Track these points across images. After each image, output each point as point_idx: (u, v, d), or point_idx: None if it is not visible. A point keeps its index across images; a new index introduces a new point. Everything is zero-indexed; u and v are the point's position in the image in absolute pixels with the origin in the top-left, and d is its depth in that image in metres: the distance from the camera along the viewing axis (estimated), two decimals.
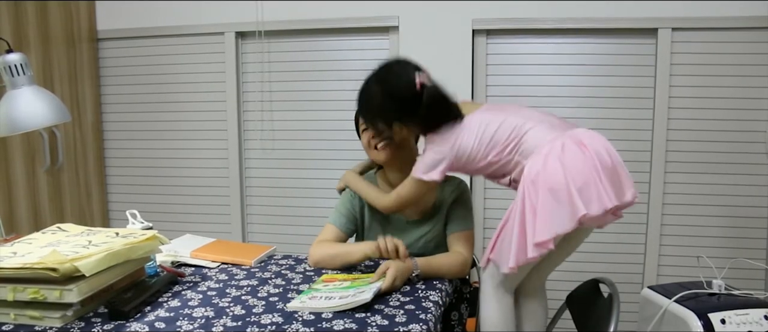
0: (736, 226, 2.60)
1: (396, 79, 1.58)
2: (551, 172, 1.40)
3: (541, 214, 1.40)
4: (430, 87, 1.54)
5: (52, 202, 2.72)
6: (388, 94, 1.57)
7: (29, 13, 2.56)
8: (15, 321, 1.26)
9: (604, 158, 1.43)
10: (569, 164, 1.40)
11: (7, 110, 1.48)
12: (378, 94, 1.59)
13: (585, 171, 1.40)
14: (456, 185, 1.77)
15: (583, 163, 1.41)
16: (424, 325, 1.27)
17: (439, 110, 1.55)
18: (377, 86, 1.59)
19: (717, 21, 2.48)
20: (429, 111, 1.53)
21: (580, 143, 1.45)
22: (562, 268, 2.64)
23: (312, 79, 2.88)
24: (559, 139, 1.46)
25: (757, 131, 2.54)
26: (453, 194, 1.75)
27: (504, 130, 1.52)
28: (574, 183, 1.38)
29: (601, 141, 1.48)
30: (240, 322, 1.28)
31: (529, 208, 1.42)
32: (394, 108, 1.57)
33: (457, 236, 1.72)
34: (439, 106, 1.55)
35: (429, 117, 1.55)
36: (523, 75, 2.68)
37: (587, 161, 1.41)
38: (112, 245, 1.38)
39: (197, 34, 2.94)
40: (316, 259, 1.69)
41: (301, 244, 2.93)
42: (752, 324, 1.81)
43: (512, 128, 1.52)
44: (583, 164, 1.41)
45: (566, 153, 1.42)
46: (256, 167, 3.01)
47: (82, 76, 2.91)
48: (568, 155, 1.41)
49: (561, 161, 1.40)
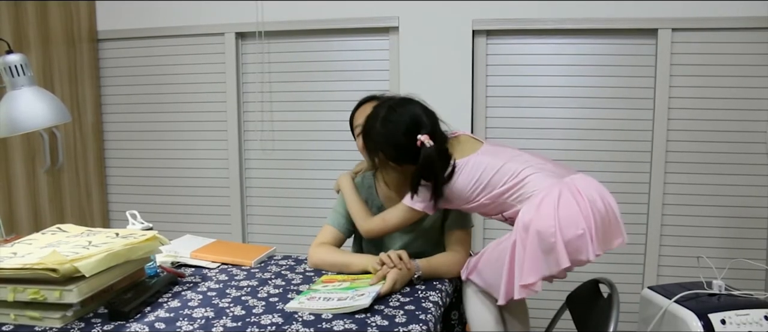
0: (736, 226, 2.60)
1: (401, 127, 1.55)
2: (544, 220, 1.41)
3: (529, 258, 1.42)
4: (428, 149, 1.51)
5: (52, 202, 2.72)
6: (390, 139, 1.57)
7: (29, 14, 2.56)
8: (15, 321, 1.26)
9: (597, 206, 1.45)
10: (562, 214, 1.41)
11: (8, 111, 1.48)
12: (381, 134, 1.58)
13: (577, 221, 1.41)
14: None
15: (576, 213, 1.42)
16: (423, 325, 1.27)
17: (432, 170, 1.53)
18: (382, 126, 1.58)
19: (717, 21, 2.48)
20: (424, 169, 1.52)
21: (576, 190, 1.46)
22: None
23: (312, 80, 2.88)
24: (556, 186, 1.46)
25: (757, 132, 2.54)
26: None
27: (501, 175, 1.52)
28: (563, 233, 1.40)
29: (597, 188, 1.49)
30: (240, 323, 1.28)
31: (519, 250, 1.44)
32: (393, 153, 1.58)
33: (455, 235, 1.72)
34: (433, 167, 1.53)
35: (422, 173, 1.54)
36: (523, 75, 2.68)
37: (581, 210, 1.42)
38: (112, 245, 1.38)
39: (197, 34, 2.94)
40: (315, 262, 1.70)
41: (301, 245, 2.93)
42: (752, 325, 1.81)
43: (510, 174, 1.52)
44: (576, 214, 1.42)
45: (562, 201, 1.43)
46: (256, 168, 3.01)
47: (82, 76, 2.92)
48: (562, 204, 1.42)
49: (555, 210, 1.41)
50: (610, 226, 1.48)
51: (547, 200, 1.43)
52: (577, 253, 1.41)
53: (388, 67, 2.78)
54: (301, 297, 1.42)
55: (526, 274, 1.42)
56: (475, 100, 2.71)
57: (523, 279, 1.42)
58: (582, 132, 2.66)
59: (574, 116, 2.66)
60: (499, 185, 1.52)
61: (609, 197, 1.49)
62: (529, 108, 2.69)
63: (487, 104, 2.72)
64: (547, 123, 2.67)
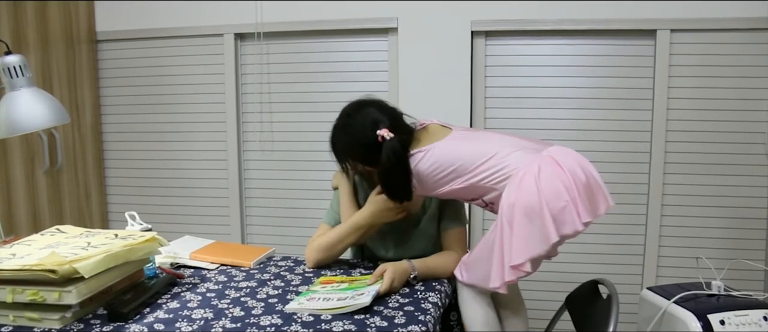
0: (735, 227, 2.60)
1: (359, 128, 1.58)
2: (526, 195, 1.41)
3: (517, 237, 1.41)
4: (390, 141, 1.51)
5: (51, 204, 2.71)
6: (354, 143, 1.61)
7: (28, 15, 2.56)
8: (14, 322, 1.26)
9: (578, 176, 1.44)
10: (544, 187, 1.41)
11: (7, 112, 1.48)
12: (344, 142, 1.63)
13: (560, 192, 1.41)
14: None
15: (558, 183, 1.42)
16: (423, 326, 1.27)
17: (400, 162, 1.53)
18: (343, 134, 1.63)
19: (716, 22, 2.48)
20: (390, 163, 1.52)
21: (555, 162, 1.46)
22: (561, 269, 2.66)
23: (311, 81, 2.88)
24: (535, 161, 1.46)
25: (756, 133, 2.54)
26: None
27: (472, 159, 1.51)
28: (548, 207, 1.39)
29: (575, 158, 1.48)
30: (239, 324, 1.28)
31: (506, 232, 1.43)
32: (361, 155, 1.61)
33: (449, 235, 1.72)
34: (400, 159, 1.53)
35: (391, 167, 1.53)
36: (522, 76, 2.68)
37: (562, 182, 1.42)
38: (112, 246, 1.38)
39: (196, 35, 2.94)
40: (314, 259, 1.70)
41: (301, 246, 2.91)
42: (751, 325, 1.81)
43: (484, 158, 1.51)
44: (558, 185, 1.41)
45: (542, 175, 1.42)
46: (255, 169, 3.01)
47: (81, 77, 2.91)
48: (543, 177, 1.42)
49: (536, 184, 1.41)
50: (594, 193, 1.47)
51: (528, 177, 1.43)
52: (563, 225, 1.40)
53: (387, 68, 2.78)
54: (300, 298, 1.42)
55: (514, 255, 1.41)
56: (474, 101, 2.71)
57: (513, 259, 1.41)
58: (581, 133, 2.66)
59: (573, 117, 2.66)
60: (472, 169, 1.51)
61: (588, 165, 1.48)
62: (528, 109, 2.69)
63: (486, 104, 2.72)
64: (546, 124, 2.67)
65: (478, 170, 1.50)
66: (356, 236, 1.66)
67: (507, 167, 1.48)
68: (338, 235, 1.67)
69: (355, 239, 1.67)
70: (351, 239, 1.66)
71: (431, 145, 1.55)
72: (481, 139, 1.60)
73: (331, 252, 1.69)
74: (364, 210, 1.65)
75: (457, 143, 1.56)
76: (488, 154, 1.51)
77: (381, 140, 1.52)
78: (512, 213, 1.42)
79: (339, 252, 1.70)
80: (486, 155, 1.51)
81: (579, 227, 1.41)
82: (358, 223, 1.64)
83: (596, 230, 2.67)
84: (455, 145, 1.55)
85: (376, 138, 1.52)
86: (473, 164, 1.51)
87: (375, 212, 1.63)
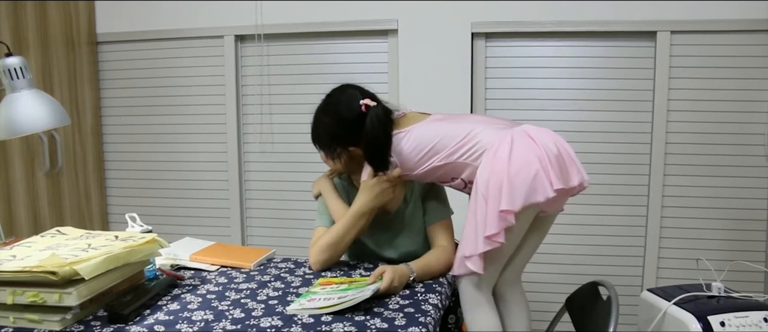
0: (735, 229, 2.60)
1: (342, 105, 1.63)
2: (499, 166, 1.46)
3: (491, 208, 1.45)
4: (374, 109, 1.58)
5: (52, 205, 2.72)
6: (337, 122, 1.63)
7: (28, 16, 2.56)
8: (14, 324, 1.26)
9: (550, 148, 1.49)
10: (516, 157, 1.46)
11: (7, 114, 1.48)
12: (327, 123, 1.66)
13: (531, 161, 1.46)
14: None
15: (530, 153, 1.47)
16: (423, 328, 1.27)
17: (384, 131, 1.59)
18: (324, 115, 1.66)
19: (716, 24, 2.49)
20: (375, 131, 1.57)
21: (527, 135, 1.51)
22: (561, 271, 2.66)
23: (311, 83, 2.88)
24: (507, 135, 1.51)
25: (756, 134, 2.54)
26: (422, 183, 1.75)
27: (448, 139, 1.57)
28: (520, 176, 1.44)
29: (548, 133, 1.54)
30: (239, 325, 1.28)
31: (481, 205, 1.48)
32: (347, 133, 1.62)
33: (436, 228, 1.73)
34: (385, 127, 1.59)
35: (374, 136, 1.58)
36: (522, 78, 2.69)
37: (534, 151, 1.47)
38: (112, 248, 1.38)
39: (197, 37, 2.94)
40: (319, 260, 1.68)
41: (301, 247, 2.93)
42: (752, 327, 1.81)
43: (459, 136, 1.56)
44: (529, 154, 1.47)
45: (515, 146, 1.48)
46: (255, 170, 3.01)
47: (81, 79, 2.92)
48: (516, 148, 1.48)
49: (509, 155, 1.46)
50: (566, 165, 1.51)
51: (501, 150, 1.48)
52: (535, 193, 1.45)
53: (387, 70, 2.79)
54: (300, 300, 1.42)
55: (489, 225, 1.45)
56: (474, 102, 2.71)
57: (487, 229, 1.45)
58: (581, 134, 2.66)
59: (573, 119, 2.66)
60: (449, 147, 1.57)
61: (562, 140, 1.54)
62: (528, 111, 2.69)
63: (486, 106, 2.72)
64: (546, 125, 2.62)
65: (454, 146, 1.56)
66: (359, 226, 1.66)
67: (480, 142, 1.54)
68: (341, 229, 1.66)
69: (357, 231, 1.67)
70: (354, 231, 1.66)
71: (411, 127, 1.62)
72: (456, 120, 1.65)
73: (337, 249, 1.68)
74: (361, 197, 1.65)
75: (435, 124, 1.63)
76: (463, 132, 1.57)
77: (365, 110, 1.57)
78: (487, 187, 1.47)
79: (344, 247, 1.69)
80: (461, 133, 1.57)
81: (549, 193, 1.45)
82: (360, 210, 1.64)
83: (596, 231, 2.68)
84: (433, 126, 1.62)
85: (360, 109, 1.57)
86: (451, 142, 1.57)
87: (374, 195, 1.63)
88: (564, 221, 1.62)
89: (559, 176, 1.47)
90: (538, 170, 1.45)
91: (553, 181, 1.45)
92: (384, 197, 1.65)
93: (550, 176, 1.45)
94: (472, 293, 1.60)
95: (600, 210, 2.66)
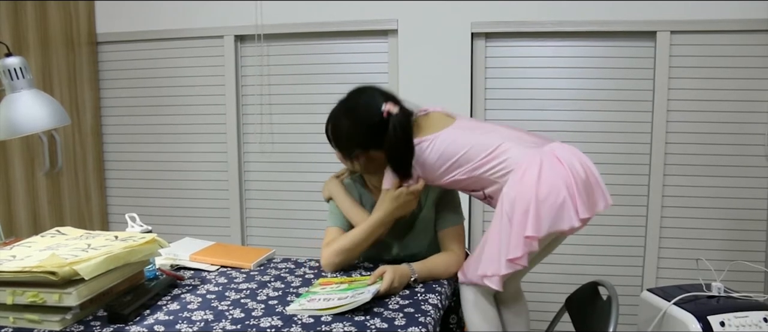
0: (735, 229, 2.60)
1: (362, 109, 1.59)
2: (527, 191, 1.42)
3: (516, 232, 1.42)
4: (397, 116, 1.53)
5: (52, 205, 2.71)
6: (358, 126, 1.59)
7: (28, 16, 2.56)
8: (14, 324, 1.26)
9: (578, 172, 1.45)
10: (544, 183, 1.42)
11: (7, 114, 1.48)
12: (347, 125, 1.61)
13: (559, 188, 1.42)
14: None
15: (558, 179, 1.43)
16: (423, 328, 1.27)
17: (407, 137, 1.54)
18: (345, 118, 1.61)
19: (716, 24, 2.49)
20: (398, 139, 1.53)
21: (555, 159, 1.47)
22: (561, 271, 2.66)
23: (311, 83, 2.88)
24: (536, 156, 1.47)
25: (756, 134, 2.54)
26: (438, 188, 1.73)
27: (476, 151, 1.52)
28: (547, 203, 1.41)
29: (575, 154, 1.50)
30: (239, 325, 1.28)
31: (505, 225, 1.45)
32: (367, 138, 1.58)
33: (447, 234, 1.71)
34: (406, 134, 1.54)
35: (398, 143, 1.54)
36: (521, 78, 2.69)
37: (562, 177, 1.43)
38: (112, 248, 1.38)
39: (197, 37, 2.94)
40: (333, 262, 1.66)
41: (301, 247, 2.93)
42: (751, 327, 1.81)
43: (487, 150, 1.52)
44: (557, 181, 1.43)
45: (543, 171, 1.44)
46: (255, 171, 3.01)
47: (81, 79, 2.92)
48: (544, 173, 1.43)
49: (538, 179, 1.42)
50: (592, 190, 1.49)
51: (529, 173, 1.44)
52: (560, 221, 1.42)
53: (387, 70, 2.79)
54: (301, 300, 1.42)
55: (512, 248, 1.43)
56: (474, 102, 2.71)
57: (510, 253, 1.43)
58: (581, 135, 2.66)
59: (573, 119, 2.66)
60: (475, 161, 1.52)
61: (588, 161, 1.50)
62: (528, 111, 2.69)
63: (486, 106, 2.72)
64: (546, 126, 2.67)
65: (480, 162, 1.52)
66: (377, 233, 1.65)
67: (508, 160, 1.49)
68: (359, 236, 1.64)
69: (375, 238, 1.66)
70: (372, 238, 1.65)
71: (435, 134, 1.56)
72: (484, 130, 1.60)
73: (353, 254, 1.67)
74: (383, 207, 1.62)
75: (461, 133, 1.57)
76: (490, 146, 1.52)
77: (386, 116, 1.52)
78: (513, 209, 1.43)
79: (359, 253, 1.68)
80: (488, 148, 1.52)
81: (575, 223, 1.42)
82: (382, 220, 1.62)
83: (596, 231, 2.68)
84: (459, 135, 1.56)
85: (382, 115, 1.52)
86: (476, 156, 1.52)
87: (397, 206, 1.61)
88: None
89: (586, 204, 1.44)
90: (565, 198, 1.41)
91: (580, 210, 1.42)
92: (407, 208, 1.63)
93: (576, 204, 1.42)
94: (474, 296, 1.59)
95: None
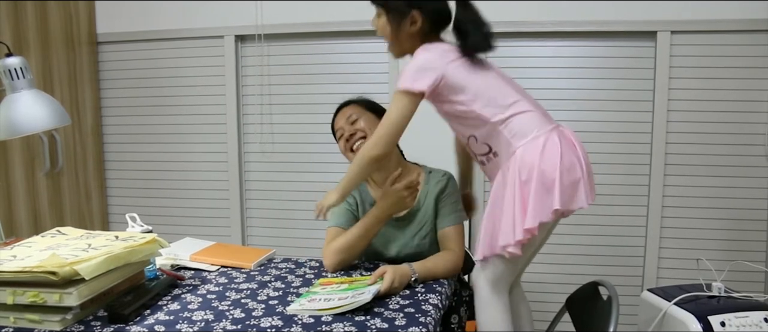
0: (735, 229, 2.60)
1: None
2: (549, 162, 1.43)
3: (533, 201, 1.42)
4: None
5: (52, 205, 2.72)
6: None
7: (29, 16, 2.56)
8: (14, 324, 1.26)
9: (586, 158, 1.49)
10: (565, 158, 1.44)
11: (7, 114, 1.48)
12: None
13: (576, 167, 1.45)
14: (441, 176, 1.76)
15: (574, 158, 1.46)
16: (423, 328, 1.27)
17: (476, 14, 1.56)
18: None
19: (716, 24, 2.49)
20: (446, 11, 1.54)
21: (571, 140, 1.50)
22: (562, 271, 2.66)
23: (312, 83, 2.88)
24: (555, 131, 1.49)
25: (757, 134, 2.54)
26: (439, 185, 1.73)
27: (504, 95, 1.50)
28: (564, 178, 1.42)
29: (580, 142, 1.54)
30: (239, 325, 1.28)
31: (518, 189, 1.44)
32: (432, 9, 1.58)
33: (447, 233, 1.71)
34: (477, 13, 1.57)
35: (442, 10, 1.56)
36: (521, 78, 2.64)
37: (578, 157, 1.46)
38: (112, 248, 1.38)
39: (197, 37, 2.94)
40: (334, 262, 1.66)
41: (301, 247, 2.93)
42: (752, 327, 1.81)
43: (511, 99, 1.50)
44: (574, 159, 1.45)
45: (563, 146, 1.45)
46: (255, 171, 3.01)
47: (81, 79, 2.92)
48: (564, 149, 1.45)
49: (560, 154, 1.43)
50: (591, 179, 1.51)
51: (550, 144, 1.44)
52: (572, 200, 1.44)
53: (388, 70, 2.79)
54: (301, 300, 1.42)
55: (529, 217, 1.41)
56: None
57: (526, 222, 1.41)
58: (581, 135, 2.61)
59: (573, 119, 2.66)
60: (498, 104, 1.49)
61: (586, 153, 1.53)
62: None
63: None
64: None
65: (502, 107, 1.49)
66: (377, 229, 1.66)
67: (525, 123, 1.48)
68: (360, 232, 1.65)
69: (374, 234, 1.67)
70: (371, 235, 1.66)
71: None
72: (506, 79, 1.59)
73: (354, 251, 1.67)
74: (381, 203, 1.64)
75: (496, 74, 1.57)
76: (515, 99, 1.50)
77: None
78: (530, 175, 1.42)
79: (361, 249, 1.68)
80: (513, 99, 1.50)
81: (584, 204, 1.44)
82: (380, 215, 1.64)
83: (597, 231, 2.68)
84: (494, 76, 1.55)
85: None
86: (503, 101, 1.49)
87: (394, 202, 1.63)
88: (564, 221, 1.61)
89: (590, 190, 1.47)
90: (580, 177, 1.43)
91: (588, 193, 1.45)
92: (404, 204, 1.64)
93: (586, 186, 1.44)
94: (489, 294, 1.58)
95: (600, 210, 2.65)
